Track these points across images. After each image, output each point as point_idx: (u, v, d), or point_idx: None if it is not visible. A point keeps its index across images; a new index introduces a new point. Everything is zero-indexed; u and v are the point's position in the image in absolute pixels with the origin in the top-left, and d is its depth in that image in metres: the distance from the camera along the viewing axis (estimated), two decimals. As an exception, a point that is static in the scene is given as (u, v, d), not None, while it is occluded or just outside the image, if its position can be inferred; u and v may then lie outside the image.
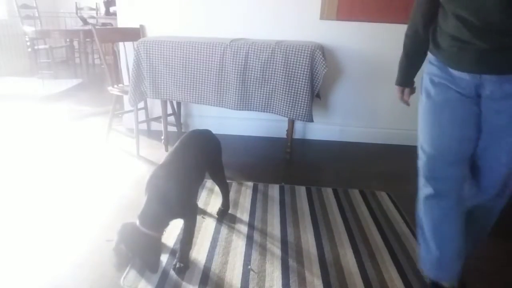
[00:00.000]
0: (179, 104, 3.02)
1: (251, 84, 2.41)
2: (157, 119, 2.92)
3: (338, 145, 3.11)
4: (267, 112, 2.48)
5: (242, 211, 1.95)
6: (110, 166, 2.48)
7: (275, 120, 3.07)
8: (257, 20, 2.92)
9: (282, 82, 2.35)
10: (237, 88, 2.42)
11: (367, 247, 1.69)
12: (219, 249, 1.63)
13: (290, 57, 2.31)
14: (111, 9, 5.73)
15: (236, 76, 2.40)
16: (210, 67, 2.44)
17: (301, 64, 2.30)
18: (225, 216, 1.89)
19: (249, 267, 1.52)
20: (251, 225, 1.83)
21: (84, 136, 3.03)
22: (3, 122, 3.30)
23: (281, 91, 2.37)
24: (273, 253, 1.62)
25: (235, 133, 3.22)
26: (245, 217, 1.89)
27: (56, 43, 5.75)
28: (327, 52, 2.93)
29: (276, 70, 2.36)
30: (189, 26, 2.96)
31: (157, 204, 1.36)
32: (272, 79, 2.38)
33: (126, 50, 2.89)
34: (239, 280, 1.44)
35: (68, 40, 5.73)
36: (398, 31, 2.93)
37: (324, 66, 2.29)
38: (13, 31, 5.37)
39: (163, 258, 1.55)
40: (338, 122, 3.18)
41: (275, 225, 1.83)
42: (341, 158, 2.85)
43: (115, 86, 2.75)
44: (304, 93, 2.33)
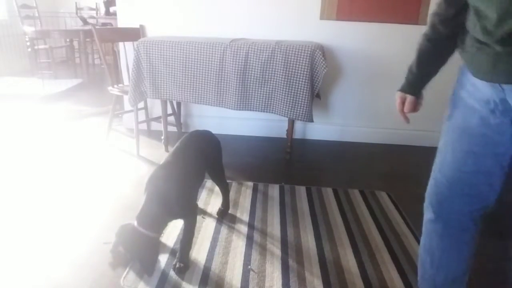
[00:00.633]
0: (179, 104, 3.02)
1: (251, 84, 2.41)
2: (157, 119, 2.92)
3: (338, 145, 3.11)
4: (267, 112, 2.48)
5: (242, 211, 1.95)
6: (110, 166, 2.48)
7: (275, 120, 3.08)
8: (257, 20, 2.92)
9: (282, 82, 2.35)
10: (237, 88, 2.42)
11: (367, 247, 1.69)
12: (219, 249, 1.63)
13: (290, 57, 2.31)
14: (111, 9, 5.73)
15: (236, 76, 2.40)
16: (210, 67, 2.44)
17: (301, 64, 2.30)
18: (225, 216, 1.89)
19: (249, 267, 1.52)
20: (251, 225, 1.83)
21: (84, 136, 3.03)
22: (3, 122, 3.30)
23: (281, 91, 2.37)
24: (273, 253, 1.62)
25: (235, 133, 3.22)
26: (245, 217, 1.89)
27: (56, 43, 5.75)
28: (327, 52, 2.93)
29: (276, 70, 2.36)
30: (189, 26, 2.96)
31: (156, 205, 1.36)
32: (272, 79, 2.38)
33: (126, 50, 2.90)
34: (239, 280, 1.44)
35: (68, 40, 5.73)
36: (398, 31, 2.95)
37: (324, 66, 2.29)
38: (13, 31, 5.37)
39: (163, 258, 1.55)
40: (338, 122, 3.18)
41: (275, 225, 1.83)
42: (341, 158, 2.85)
43: (115, 86, 2.75)
44: (304, 93, 2.33)
